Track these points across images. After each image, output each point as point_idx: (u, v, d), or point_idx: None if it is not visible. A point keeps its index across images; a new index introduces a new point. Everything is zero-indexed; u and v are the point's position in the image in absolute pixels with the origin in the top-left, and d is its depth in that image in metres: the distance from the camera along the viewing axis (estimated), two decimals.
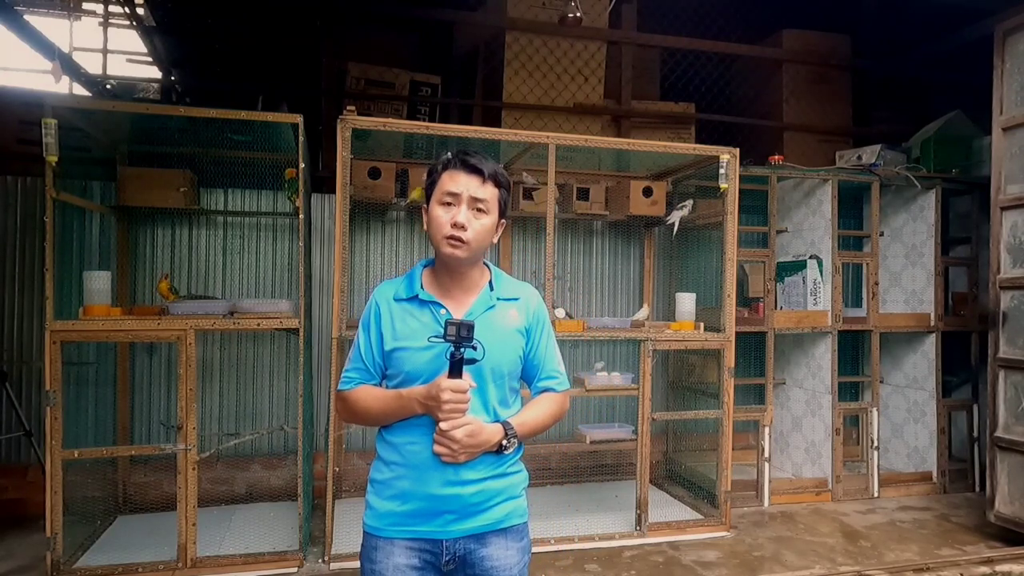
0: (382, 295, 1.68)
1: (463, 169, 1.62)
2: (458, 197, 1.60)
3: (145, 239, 4.13)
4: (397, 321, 1.64)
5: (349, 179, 3.34)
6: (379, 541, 1.61)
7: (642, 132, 5.18)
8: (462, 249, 1.59)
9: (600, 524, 3.87)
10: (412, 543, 1.59)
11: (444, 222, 1.60)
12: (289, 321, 3.36)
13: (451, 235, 1.58)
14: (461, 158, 1.63)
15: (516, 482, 1.69)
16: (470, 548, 1.61)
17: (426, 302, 1.65)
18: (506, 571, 1.62)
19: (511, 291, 1.72)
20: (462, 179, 1.61)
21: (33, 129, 3.25)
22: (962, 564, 3.43)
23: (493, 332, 1.62)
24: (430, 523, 1.59)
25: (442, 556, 1.60)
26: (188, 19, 5.73)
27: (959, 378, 5.01)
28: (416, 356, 1.60)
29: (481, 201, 1.61)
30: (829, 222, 4.51)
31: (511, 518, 1.66)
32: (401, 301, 1.66)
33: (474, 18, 5.16)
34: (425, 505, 1.59)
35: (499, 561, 1.62)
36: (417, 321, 1.63)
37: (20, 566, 3.31)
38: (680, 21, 5.54)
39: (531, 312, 1.72)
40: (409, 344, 1.61)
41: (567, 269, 4.85)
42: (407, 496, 1.60)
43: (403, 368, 1.62)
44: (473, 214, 1.61)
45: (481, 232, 1.62)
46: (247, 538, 3.57)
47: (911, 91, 6.00)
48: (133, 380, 4.09)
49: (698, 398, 4.49)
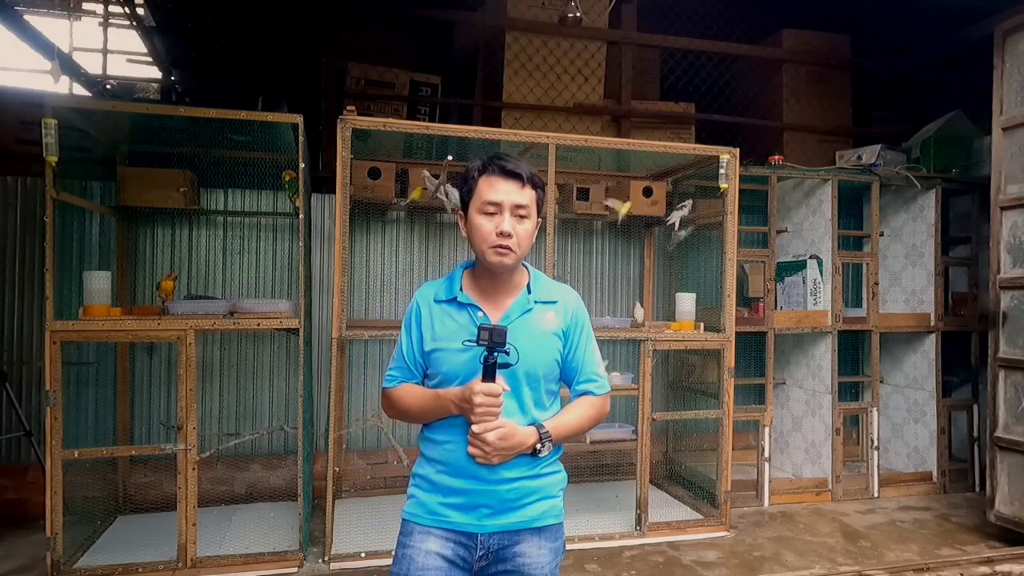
0: (423, 296, 1.72)
1: (501, 175, 1.62)
2: (500, 206, 1.61)
3: (145, 239, 4.13)
4: (436, 322, 1.67)
5: (349, 179, 3.34)
6: (415, 527, 1.65)
7: (642, 132, 5.18)
8: (509, 257, 1.61)
9: (600, 524, 3.87)
10: (448, 534, 1.63)
11: (489, 231, 1.61)
12: (289, 321, 3.36)
13: (497, 244, 1.60)
14: (499, 164, 1.63)
15: (553, 482, 1.72)
16: (504, 544, 1.64)
17: (464, 304, 1.67)
18: (538, 569, 1.65)
19: (550, 294, 1.73)
20: (502, 186, 1.62)
21: (33, 129, 3.24)
22: (962, 564, 3.43)
23: (529, 335, 1.65)
24: (467, 515, 1.63)
25: (476, 550, 1.63)
26: (188, 19, 5.73)
27: (959, 378, 5.01)
28: (453, 357, 1.63)
29: (522, 207, 1.62)
30: (829, 222, 4.51)
31: (546, 517, 1.69)
32: (441, 303, 1.69)
33: (474, 18, 5.16)
34: (463, 500, 1.63)
35: (531, 559, 1.65)
36: (455, 323, 1.66)
37: (20, 566, 3.31)
38: (680, 21, 5.54)
39: (569, 314, 1.73)
40: (446, 345, 1.64)
41: (567, 269, 4.85)
42: (447, 491, 1.64)
43: (441, 369, 1.65)
44: (516, 220, 1.62)
45: (525, 237, 1.64)
46: (247, 538, 3.57)
47: (911, 91, 6.01)
48: (133, 380, 4.09)
49: (698, 398, 4.49)
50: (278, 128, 3.39)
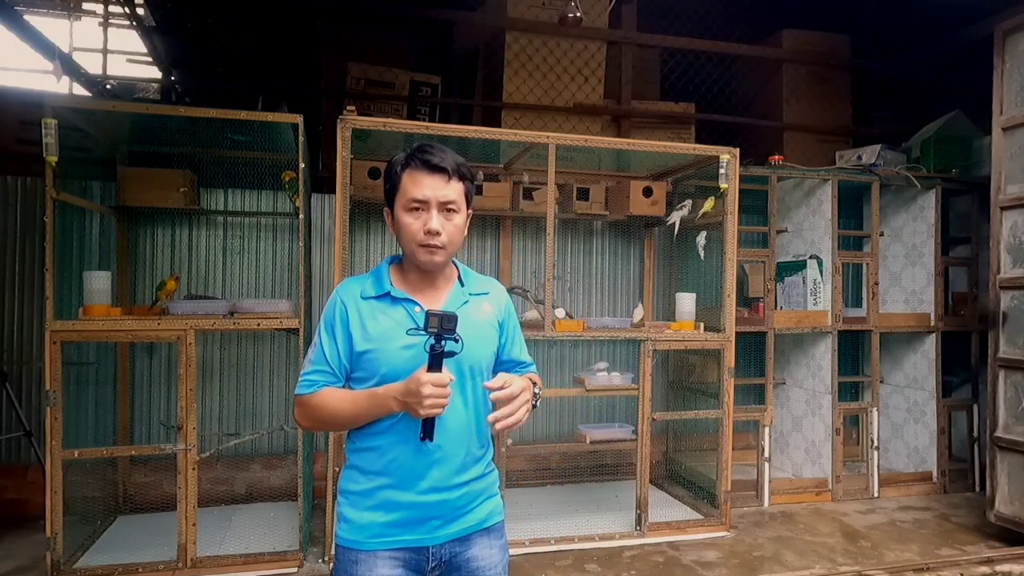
0: (347, 293, 1.59)
1: (425, 169, 1.53)
2: (426, 203, 1.53)
3: (145, 239, 4.13)
4: (368, 320, 1.55)
5: (349, 179, 3.34)
6: (360, 555, 1.53)
7: (642, 132, 5.18)
8: (440, 254, 1.55)
9: (600, 524, 3.87)
10: (396, 553, 1.54)
11: (416, 230, 1.53)
12: (289, 321, 3.36)
13: (426, 243, 1.53)
14: (421, 157, 1.53)
15: (493, 480, 1.70)
16: (455, 551, 1.59)
17: (399, 299, 1.58)
18: (491, 570, 1.62)
19: (480, 286, 1.70)
20: (426, 181, 1.53)
21: (33, 129, 3.25)
22: (962, 564, 3.43)
23: (471, 327, 1.57)
24: (416, 531, 1.54)
25: (428, 563, 1.57)
26: (188, 19, 5.73)
27: (959, 378, 5.01)
28: (393, 356, 1.53)
29: (450, 202, 1.54)
30: (829, 222, 4.51)
31: (493, 516, 1.66)
32: (370, 299, 1.57)
33: (474, 18, 5.16)
34: (411, 514, 1.54)
35: (484, 561, 1.61)
36: (390, 320, 1.56)
37: (20, 566, 3.31)
38: (680, 21, 5.54)
39: (502, 306, 1.71)
40: (383, 345, 1.54)
41: (567, 269, 4.85)
42: (391, 506, 1.54)
43: (379, 370, 1.53)
44: (444, 216, 1.54)
45: (455, 233, 1.57)
46: (247, 538, 3.57)
47: (911, 91, 6.01)
48: (133, 380, 4.09)
49: (698, 398, 4.49)
50: (278, 128, 3.39)
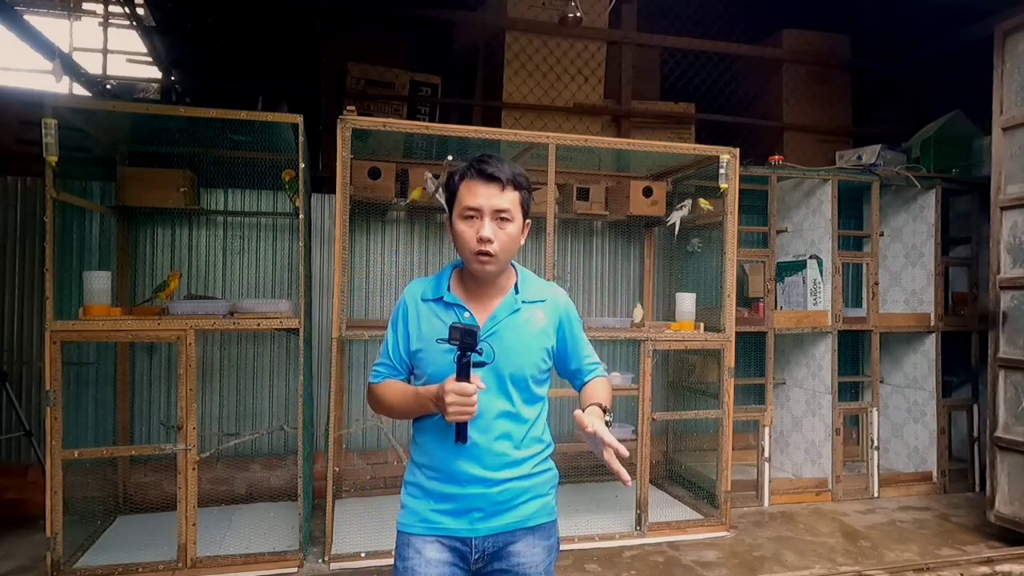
0: (411, 294, 1.70)
1: (480, 179, 1.59)
2: (479, 211, 1.58)
3: (145, 239, 4.12)
4: (423, 321, 1.65)
5: (349, 179, 3.34)
6: (411, 539, 1.64)
7: (642, 132, 5.18)
8: (491, 264, 1.59)
9: (600, 524, 3.88)
10: (443, 539, 1.63)
11: (469, 238, 1.58)
12: (289, 321, 3.36)
13: (479, 251, 1.58)
14: (478, 168, 1.59)
15: (544, 480, 1.71)
16: (499, 545, 1.64)
17: (451, 304, 1.65)
18: (532, 568, 1.65)
19: (537, 293, 1.72)
20: (481, 190, 1.58)
21: (33, 129, 3.24)
22: (962, 564, 3.43)
23: (517, 335, 1.64)
24: (459, 521, 1.62)
25: (472, 553, 1.63)
26: (188, 19, 5.73)
27: (959, 378, 5.00)
28: (439, 357, 1.61)
29: (503, 211, 1.59)
30: (829, 222, 4.51)
31: (538, 516, 1.68)
32: (428, 301, 1.66)
33: (474, 18, 5.16)
34: (453, 504, 1.62)
35: (526, 558, 1.65)
36: (441, 322, 1.62)
37: (20, 566, 3.31)
38: (680, 21, 5.55)
39: (560, 310, 1.73)
40: (430, 346, 1.62)
41: (567, 269, 4.85)
42: (438, 497, 1.63)
43: (427, 370, 1.63)
44: (497, 224, 1.58)
45: (508, 242, 1.60)
46: (247, 538, 3.57)
47: (911, 91, 6.01)
48: (133, 380, 4.09)
49: (698, 398, 4.49)
50: (278, 128, 3.39)
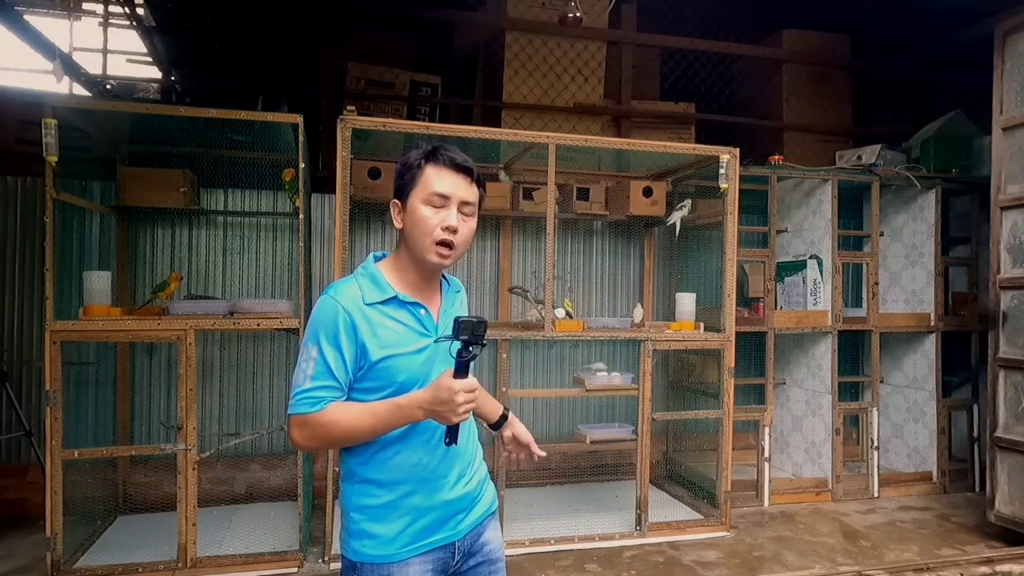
0: (348, 301, 1.47)
1: (450, 167, 1.51)
2: (449, 199, 1.50)
3: (145, 239, 4.13)
4: (379, 328, 1.48)
5: (349, 179, 3.34)
6: (392, 568, 1.49)
7: (642, 132, 5.18)
8: (450, 258, 1.51)
9: (600, 524, 3.87)
10: (427, 556, 1.53)
11: (434, 225, 1.49)
12: (289, 321, 3.36)
13: (442, 240, 1.49)
14: (448, 156, 1.52)
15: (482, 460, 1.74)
16: (475, 538, 1.63)
17: (406, 303, 1.54)
18: (499, 551, 1.68)
19: (455, 284, 1.72)
20: (451, 179, 1.51)
21: (33, 129, 3.25)
22: (962, 564, 3.43)
23: None
24: (443, 529, 1.56)
25: (454, 557, 1.59)
26: (188, 19, 5.73)
27: (959, 378, 5.00)
28: (410, 362, 1.50)
29: (469, 204, 1.53)
30: (829, 222, 4.51)
31: (495, 499, 1.75)
32: (374, 305, 1.50)
33: (474, 18, 5.16)
34: (441, 513, 1.55)
35: (494, 543, 1.67)
36: (401, 325, 1.52)
37: (20, 566, 3.31)
38: (680, 21, 5.54)
39: (465, 302, 1.76)
40: (400, 351, 1.49)
41: (567, 269, 4.85)
42: (419, 511, 1.53)
43: (396, 378, 1.49)
44: (461, 217, 1.52)
45: (468, 236, 1.54)
46: (247, 538, 3.57)
47: (911, 91, 6.00)
48: (133, 380, 4.09)
49: (698, 398, 4.49)
50: (278, 128, 3.39)
